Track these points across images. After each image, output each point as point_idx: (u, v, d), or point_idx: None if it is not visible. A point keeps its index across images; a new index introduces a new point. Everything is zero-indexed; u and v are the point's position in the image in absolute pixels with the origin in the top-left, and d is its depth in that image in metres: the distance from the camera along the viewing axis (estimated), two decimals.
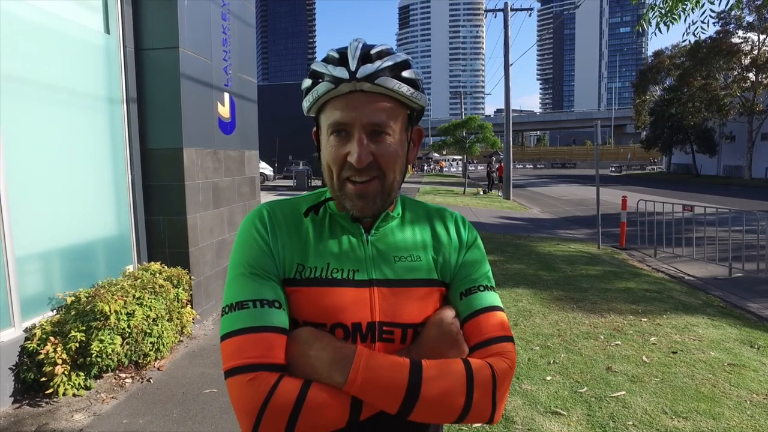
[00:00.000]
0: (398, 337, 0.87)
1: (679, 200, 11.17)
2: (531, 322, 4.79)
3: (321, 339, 0.82)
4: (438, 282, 0.93)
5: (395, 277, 0.90)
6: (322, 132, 0.89)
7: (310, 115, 0.95)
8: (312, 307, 0.86)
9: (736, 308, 5.90)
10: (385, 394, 0.78)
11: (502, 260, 7.67)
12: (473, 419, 0.82)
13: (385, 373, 0.78)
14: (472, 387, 0.81)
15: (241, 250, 0.89)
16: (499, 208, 17.25)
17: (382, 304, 0.87)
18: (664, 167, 52.47)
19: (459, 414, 0.81)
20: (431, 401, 0.79)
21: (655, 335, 4.56)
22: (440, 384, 0.79)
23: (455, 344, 0.86)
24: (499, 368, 0.84)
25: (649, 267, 8.20)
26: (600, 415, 3.12)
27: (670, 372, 3.77)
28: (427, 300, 0.91)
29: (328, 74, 0.84)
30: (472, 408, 0.81)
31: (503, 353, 0.87)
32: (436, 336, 0.87)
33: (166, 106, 4.94)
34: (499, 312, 0.92)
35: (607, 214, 13.21)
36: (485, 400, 0.82)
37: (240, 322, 0.81)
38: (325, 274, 0.87)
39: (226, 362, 0.80)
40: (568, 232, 12.13)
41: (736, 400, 3.34)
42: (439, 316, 0.89)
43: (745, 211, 8.81)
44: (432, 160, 60.98)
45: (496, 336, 0.88)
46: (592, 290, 6.05)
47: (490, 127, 23.06)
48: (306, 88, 0.89)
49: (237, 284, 0.86)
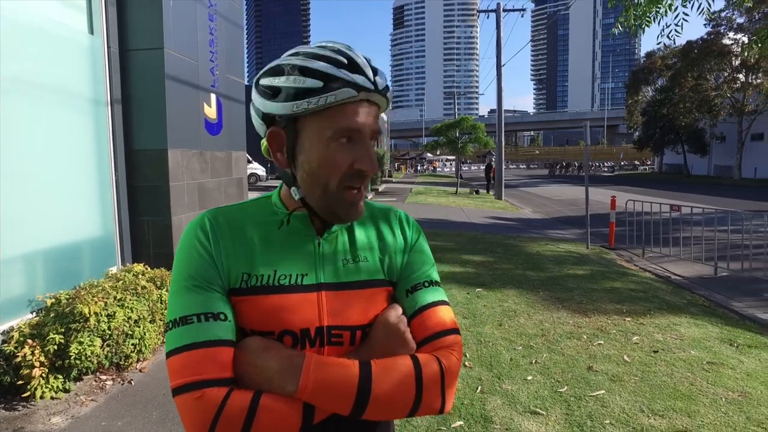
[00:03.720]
0: (347, 340, 0.88)
1: (668, 200, 11.24)
2: (515, 322, 4.81)
3: (269, 348, 0.82)
4: (385, 282, 0.94)
5: (343, 280, 0.90)
6: (310, 137, 0.83)
7: (281, 115, 0.84)
8: (259, 315, 0.85)
9: (720, 307, 5.95)
10: (336, 397, 0.79)
11: (490, 261, 7.71)
12: (424, 412, 0.84)
13: (336, 377, 0.79)
14: (422, 381, 0.83)
15: (182, 262, 0.86)
16: (491, 209, 17.29)
17: (331, 308, 0.88)
18: (656, 167, 52.76)
19: (410, 409, 0.83)
20: (382, 399, 0.80)
21: (638, 335, 4.60)
22: (390, 382, 0.81)
23: (403, 342, 0.88)
24: (447, 361, 0.87)
25: (637, 267, 8.26)
26: (578, 414, 3.15)
27: (650, 371, 3.80)
28: (375, 300, 0.92)
29: (348, 80, 0.80)
30: (423, 401, 0.83)
31: (450, 346, 0.89)
32: (384, 335, 0.88)
33: (151, 107, 4.94)
34: (444, 306, 0.95)
35: (597, 214, 13.29)
36: (434, 393, 0.84)
37: (185, 337, 0.80)
38: (272, 281, 0.86)
39: (173, 380, 0.78)
40: (558, 232, 12.19)
41: (711, 398, 3.37)
42: (385, 316, 0.90)
43: (730, 211, 8.89)
44: (425, 160, 61.08)
45: (442, 330, 0.91)
46: (579, 290, 6.09)
47: (482, 128, 23.12)
48: (315, 87, 0.80)
49: (180, 298, 0.83)
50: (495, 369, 3.78)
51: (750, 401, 3.36)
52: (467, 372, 3.72)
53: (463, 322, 4.76)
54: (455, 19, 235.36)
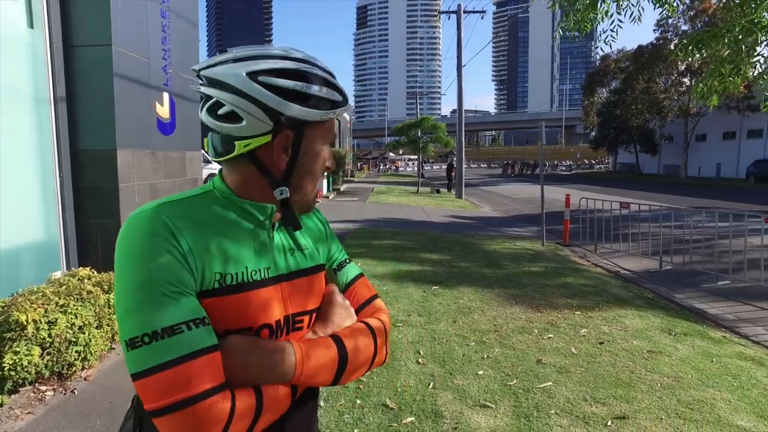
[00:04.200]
0: (306, 324, 0.96)
1: (620, 198, 11.66)
2: (469, 319, 4.91)
3: (257, 345, 0.85)
4: (323, 266, 1.05)
5: (295, 269, 0.97)
6: (316, 141, 0.93)
7: (297, 119, 0.89)
8: (238, 314, 0.86)
9: (663, 299, 6.24)
10: (324, 373, 0.90)
11: (448, 259, 7.82)
12: (376, 365, 1.00)
13: (322, 356, 0.90)
14: (376, 340, 0.99)
15: (146, 266, 0.79)
16: (451, 207, 17.53)
17: (292, 296, 0.94)
18: (611, 166, 54.60)
19: (369, 365, 0.98)
20: (355, 364, 0.94)
21: (586, 327, 4.77)
22: (358, 347, 0.95)
23: (349, 314, 1.01)
24: (384, 320, 1.05)
25: (589, 262, 8.54)
26: (525, 406, 3.25)
27: (595, 362, 3.96)
28: (320, 283, 1.02)
29: (345, 99, 0.96)
30: (377, 357, 0.99)
31: (381, 308, 1.08)
32: (334, 311, 0.99)
33: (99, 105, 4.80)
34: (364, 277, 1.12)
35: (553, 211, 13.66)
36: (382, 348, 1.01)
37: (174, 350, 0.76)
38: (245, 278, 0.87)
39: (163, 398, 0.74)
40: (515, 230, 12.47)
41: (649, 384, 3.55)
42: (331, 295, 1.02)
43: (674, 208, 9.31)
44: (388, 160, 61.30)
45: (370, 297, 1.09)
46: (532, 286, 6.26)
47: (443, 127, 23.40)
48: (339, 101, 0.94)
49: (156, 308, 0.77)
50: (448, 365, 3.85)
51: (681, 385, 3.56)
52: (420, 369, 3.78)
53: (418, 320, 4.83)
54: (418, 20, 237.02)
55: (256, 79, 0.85)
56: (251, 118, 0.86)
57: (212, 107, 0.88)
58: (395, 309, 5.15)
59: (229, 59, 0.88)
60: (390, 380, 3.57)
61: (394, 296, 5.61)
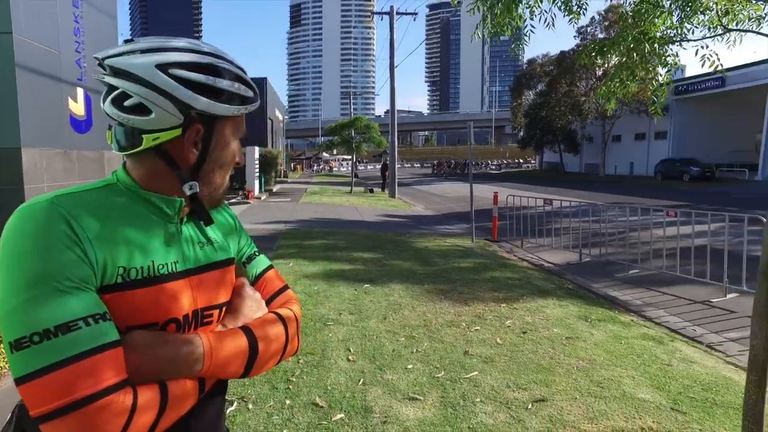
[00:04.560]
0: (216, 318, 0.95)
1: (544, 195, 12.28)
2: (400, 315, 4.99)
3: (162, 339, 0.83)
4: (232, 259, 1.04)
5: (205, 262, 0.96)
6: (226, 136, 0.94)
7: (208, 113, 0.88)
8: (143, 309, 0.83)
9: (582, 289, 6.63)
10: (232, 365, 0.90)
11: (380, 257, 7.90)
12: (288, 355, 1.01)
13: (231, 348, 0.89)
14: (287, 330, 1.00)
15: (40, 259, 0.74)
16: (384, 207, 17.71)
17: (201, 290, 0.93)
18: (538, 165, 57.23)
19: (280, 356, 0.99)
20: (266, 354, 0.94)
21: (511, 318, 4.99)
22: (268, 337, 0.95)
23: (259, 306, 1.01)
24: (295, 309, 1.07)
25: (516, 257, 8.92)
26: (452, 396, 3.35)
27: (518, 350, 4.15)
28: (230, 277, 1.02)
29: (256, 95, 0.97)
30: (288, 346, 1.00)
31: (291, 298, 1.10)
32: (244, 303, 0.99)
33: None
34: (274, 269, 1.14)
35: (483, 209, 14.12)
36: (294, 338, 1.03)
37: (71, 347, 0.72)
38: (151, 272, 0.85)
39: (57, 399, 0.70)
40: (446, 227, 12.80)
41: (566, 368, 3.78)
42: (241, 287, 1.02)
43: (592, 204, 9.93)
44: (322, 160, 60.91)
45: (280, 288, 1.10)
46: (461, 281, 6.46)
47: (376, 127, 23.59)
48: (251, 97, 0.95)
49: (49, 303, 0.73)
50: (378, 361, 3.90)
51: (594, 366, 3.82)
52: (351, 366, 3.80)
53: (349, 318, 4.85)
54: (352, 20, 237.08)
55: (166, 71, 0.84)
56: (161, 111, 0.84)
57: (117, 98, 0.85)
58: (326, 308, 5.14)
59: (136, 49, 0.85)
60: (320, 379, 3.56)
61: (325, 295, 5.60)
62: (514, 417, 3.08)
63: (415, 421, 3.03)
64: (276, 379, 3.54)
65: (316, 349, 4.10)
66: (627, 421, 3.06)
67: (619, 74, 2.61)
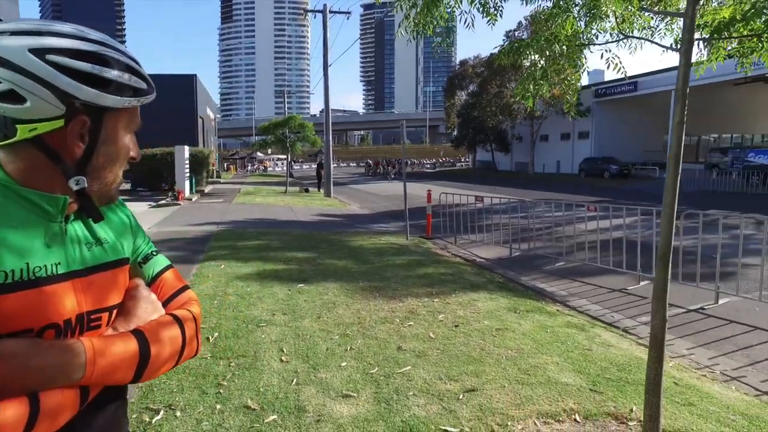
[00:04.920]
0: (105, 322, 0.90)
1: (476, 192, 12.66)
2: (334, 314, 4.98)
3: (36, 347, 0.77)
4: (126, 260, 0.99)
5: (93, 263, 0.90)
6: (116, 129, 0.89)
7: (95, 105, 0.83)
8: (14, 315, 0.77)
9: (511, 282, 6.90)
10: (121, 371, 0.84)
11: (314, 257, 7.84)
12: (186, 358, 0.97)
13: (119, 353, 0.84)
14: (184, 332, 0.95)
15: None
16: (320, 206, 17.60)
17: (89, 293, 0.88)
18: (471, 164, 58.91)
19: (177, 359, 0.94)
20: (159, 358, 0.90)
21: (444, 313, 5.10)
22: (162, 340, 0.91)
23: (155, 308, 0.97)
24: (195, 310, 1.02)
25: (450, 253, 9.14)
26: (386, 391, 3.38)
27: (450, 343, 4.25)
28: (123, 278, 0.97)
29: (151, 87, 0.92)
30: (186, 349, 0.96)
31: (191, 299, 1.05)
32: (137, 305, 0.94)
33: None
34: (173, 269, 1.08)
35: (418, 207, 14.37)
36: (194, 340, 0.98)
37: None
38: (25, 275, 0.78)
39: None
40: (381, 226, 12.90)
41: (496, 358, 3.92)
42: (135, 289, 0.97)
43: (521, 200, 10.36)
44: (256, 159, 59.58)
45: (180, 288, 1.05)
46: (395, 278, 6.53)
47: (311, 126, 23.37)
48: (143, 89, 0.90)
49: None
50: (311, 360, 3.87)
51: (522, 355, 4.00)
52: (284, 366, 3.74)
53: (282, 319, 4.78)
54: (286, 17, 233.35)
55: (43, 57, 0.78)
56: (37, 100, 0.78)
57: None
58: (259, 309, 5.04)
59: (6, 30, 0.78)
60: (252, 381, 3.48)
61: (258, 297, 5.48)
62: (445, 408, 3.16)
63: (349, 418, 3.03)
64: (206, 383, 3.43)
65: (248, 351, 4.00)
66: (551, 405, 3.22)
67: (533, 74, 2.75)
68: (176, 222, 12.10)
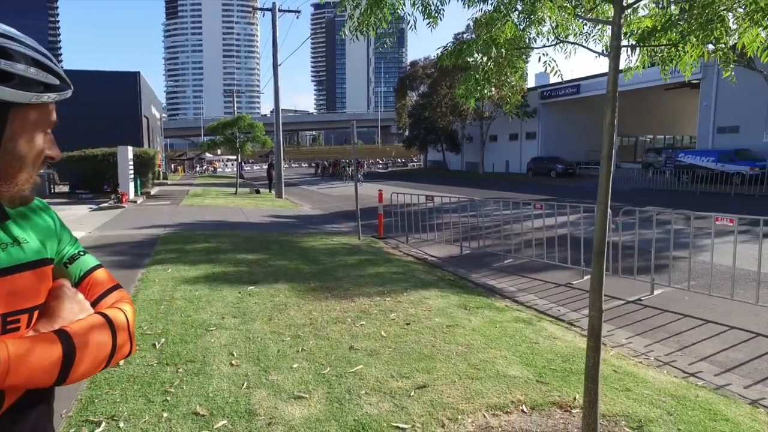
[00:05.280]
0: (24, 323, 0.87)
1: (429, 192, 12.82)
2: (285, 315, 4.93)
3: None
4: (48, 260, 0.97)
5: (10, 263, 0.87)
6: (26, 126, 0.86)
7: None
8: None
9: (462, 279, 7.05)
10: (40, 374, 0.80)
11: (265, 258, 7.72)
12: (118, 359, 0.94)
13: (39, 355, 0.80)
14: (115, 332, 0.93)
15: None
16: (271, 207, 17.34)
17: (5, 294, 0.85)
18: (422, 164, 59.57)
19: (107, 360, 0.91)
20: (85, 359, 0.86)
21: (395, 311, 5.14)
22: (90, 341, 0.87)
23: (82, 307, 0.94)
24: (127, 309, 1.00)
25: (401, 252, 9.22)
26: (338, 391, 3.39)
27: (402, 341, 4.30)
28: (45, 278, 0.94)
29: (64, 83, 0.89)
30: (118, 350, 0.93)
31: (123, 298, 1.03)
32: (62, 306, 0.91)
33: None
34: (102, 268, 1.06)
35: (370, 207, 14.40)
36: (125, 340, 0.95)
37: None
38: None
39: None
40: (333, 226, 12.86)
41: (446, 354, 3.99)
42: (59, 288, 0.94)
43: (471, 199, 10.59)
44: (205, 160, 57.97)
45: (110, 287, 1.03)
46: (347, 278, 6.53)
47: (261, 126, 22.96)
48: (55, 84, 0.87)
49: None
50: (262, 363, 3.82)
51: (472, 350, 4.09)
52: (234, 370, 3.67)
53: (232, 322, 4.69)
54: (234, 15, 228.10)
55: None
56: None
57: None
58: (208, 313, 4.92)
59: None
60: (201, 387, 3.41)
61: (207, 300, 5.35)
62: (397, 405, 3.19)
63: (301, 420, 3.02)
64: (152, 391, 3.32)
65: (196, 356, 3.91)
66: (500, 397, 3.32)
67: (474, 75, 2.83)
68: (120, 225, 11.62)
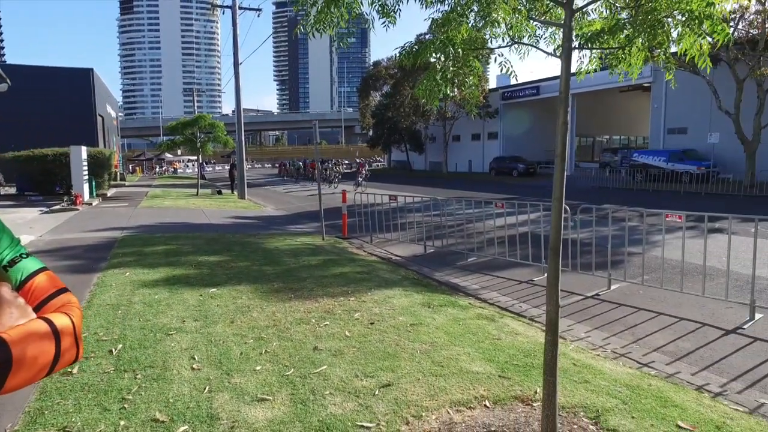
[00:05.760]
0: None
1: (393, 192, 12.85)
2: (248, 317, 4.86)
3: None
4: None
5: None
6: None
7: None
8: None
9: (426, 278, 7.11)
10: None
11: (227, 260, 7.59)
12: (63, 365, 0.90)
13: None
14: (59, 337, 0.89)
15: None
16: (233, 208, 17.03)
17: None
18: (386, 164, 59.76)
19: (50, 366, 0.87)
20: (24, 366, 0.82)
21: (359, 311, 5.14)
22: (30, 347, 0.83)
23: (23, 312, 0.90)
24: (74, 314, 0.96)
25: (365, 252, 9.22)
26: (302, 392, 3.36)
27: (366, 340, 4.30)
28: None
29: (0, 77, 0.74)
30: (62, 356, 0.89)
31: (70, 302, 0.99)
32: (2, 312, 0.88)
33: None
34: (47, 271, 1.03)
35: (334, 207, 14.34)
36: (70, 345, 0.92)
37: None
38: None
39: None
40: (297, 227, 12.74)
41: (410, 353, 4.02)
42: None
43: (435, 199, 10.69)
44: (165, 161, 56.43)
45: (56, 290, 0.99)
46: (311, 279, 6.49)
47: (222, 126, 22.51)
48: None
49: None
50: (225, 366, 3.75)
51: (436, 348, 4.14)
52: (195, 374, 3.60)
53: (193, 325, 4.59)
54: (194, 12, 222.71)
55: None
56: None
57: None
58: (168, 317, 4.80)
59: None
60: (161, 392, 3.32)
61: (167, 304, 5.21)
62: (362, 404, 3.20)
63: (265, 422, 2.99)
64: (108, 399, 3.22)
65: (156, 361, 3.81)
66: (463, 393, 3.37)
67: (434, 75, 2.87)
68: (74, 228, 11.18)
